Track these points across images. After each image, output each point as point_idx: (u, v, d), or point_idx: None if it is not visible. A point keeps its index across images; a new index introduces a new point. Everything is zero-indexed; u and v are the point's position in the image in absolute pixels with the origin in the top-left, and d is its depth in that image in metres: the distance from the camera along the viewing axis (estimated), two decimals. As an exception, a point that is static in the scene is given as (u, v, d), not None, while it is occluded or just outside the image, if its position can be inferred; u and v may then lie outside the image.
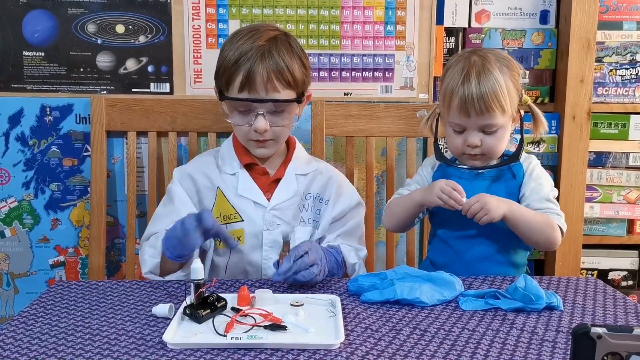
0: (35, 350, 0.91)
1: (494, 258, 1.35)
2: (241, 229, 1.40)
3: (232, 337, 0.93)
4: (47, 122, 1.82)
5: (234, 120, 1.40)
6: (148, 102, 1.78)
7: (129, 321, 1.03)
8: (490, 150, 1.35)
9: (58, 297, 1.15)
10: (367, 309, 1.09)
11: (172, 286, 1.21)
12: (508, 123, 1.35)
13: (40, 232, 1.87)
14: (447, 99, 1.34)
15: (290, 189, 1.44)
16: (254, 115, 1.36)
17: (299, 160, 1.49)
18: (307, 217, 1.45)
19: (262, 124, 1.36)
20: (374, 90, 1.88)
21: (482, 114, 1.30)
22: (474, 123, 1.32)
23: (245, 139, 1.41)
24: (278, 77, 1.34)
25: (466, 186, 1.28)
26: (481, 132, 1.33)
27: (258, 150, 1.42)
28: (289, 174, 1.46)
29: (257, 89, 1.34)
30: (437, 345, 0.94)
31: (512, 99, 1.32)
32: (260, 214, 1.41)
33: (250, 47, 1.34)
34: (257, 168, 1.45)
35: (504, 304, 1.08)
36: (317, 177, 1.49)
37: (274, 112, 1.37)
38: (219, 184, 1.44)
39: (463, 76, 1.31)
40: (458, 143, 1.36)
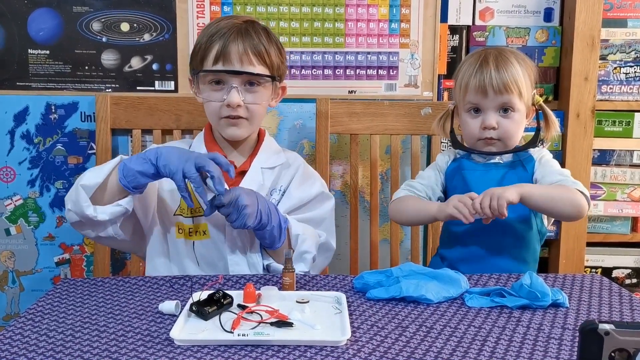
0: (43, 347, 0.92)
1: (506, 254, 1.35)
2: (205, 223, 1.37)
3: (238, 334, 0.93)
4: (52, 120, 1.83)
5: (206, 97, 1.38)
6: (153, 100, 1.79)
7: (136, 318, 1.03)
8: (507, 133, 1.35)
9: (64, 294, 1.15)
10: (372, 306, 1.09)
11: (178, 283, 1.21)
12: (523, 112, 1.36)
13: (46, 229, 1.87)
14: (464, 84, 1.36)
15: (254, 183, 1.39)
16: (227, 90, 1.35)
17: (268, 152, 1.46)
18: None
19: (236, 98, 1.34)
20: (378, 88, 1.88)
21: (501, 93, 1.32)
22: (491, 102, 1.33)
23: (217, 117, 1.38)
24: (254, 51, 1.34)
25: (480, 177, 1.29)
26: (498, 114, 1.34)
27: (229, 130, 1.38)
28: (255, 167, 1.42)
29: (231, 60, 1.33)
30: (443, 342, 0.94)
31: (527, 89, 1.34)
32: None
33: (226, 25, 1.35)
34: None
35: (510, 302, 1.08)
36: (284, 170, 1.46)
37: (248, 89, 1.36)
38: None
39: (481, 61, 1.35)
40: (474, 127, 1.36)
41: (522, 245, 1.37)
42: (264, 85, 1.38)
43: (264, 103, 1.40)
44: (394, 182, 1.81)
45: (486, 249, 1.36)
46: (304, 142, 1.87)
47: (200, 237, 1.38)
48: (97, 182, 1.22)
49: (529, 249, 1.38)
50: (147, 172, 1.21)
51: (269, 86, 1.40)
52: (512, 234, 1.35)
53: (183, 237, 1.39)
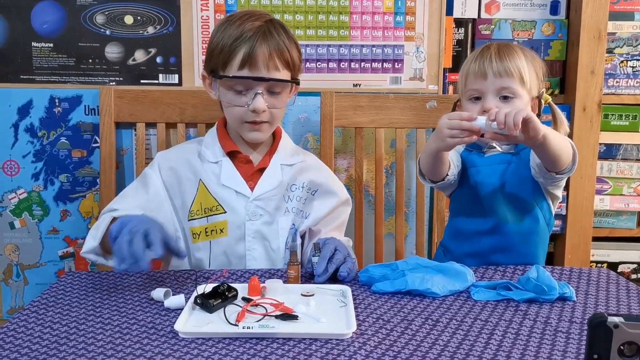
0: (47, 339, 0.91)
1: (513, 250, 1.34)
2: (224, 221, 1.37)
3: (243, 327, 0.92)
4: (56, 113, 1.82)
5: (228, 100, 1.36)
6: (157, 94, 1.78)
7: (140, 311, 1.03)
8: None
9: (69, 287, 1.15)
10: (378, 299, 1.09)
11: (182, 276, 1.21)
12: (526, 100, 1.33)
13: (50, 223, 1.87)
14: (465, 72, 1.35)
15: (275, 179, 1.40)
16: (251, 95, 1.33)
17: (285, 151, 1.46)
18: (291, 207, 1.42)
19: (261, 104, 1.32)
20: (383, 81, 1.87)
21: (500, 76, 1.30)
22: (491, 85, 1.31)
23: (239, 122, 1.37)
24: (279, 56, 1.33)
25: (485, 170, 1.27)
26: (498, 99, 1.32)
27: (251, 134, 1.38)
28: (274, 163, 1.42)
29: (258, 66, 1.31)
30: (449, 335, 0.93)
31: (532, 79, 1.32)
32: (243, 204, 1.37)
33: (250, 27, 1.33)
34: (240, 156, 1.41)
35: (517, 295, 1.08)
36: (304, 168, 1.46)
37: (271, 93, 1.35)
38: (201, 175, 1.40)
39: (483, 49, 1.34)
40: (474, 112, 1.31)
41: (529, 240, 1.35)
42: (285, 88, 1.38)
43: (284, 105, 1.41)
44: (398, 175, 1.80)
45: (493, 245, 1.34)
46: (308, 135, 1.86)
47: (217, 235, 1.38)
48: (94, 245, 1.22)
49: (537, 243, 1.37)
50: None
51: (289, 87, 1.40)
52: (520, 230, 1.34)
53: (200, 241, 1.38)
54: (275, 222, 1.39)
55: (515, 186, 1.32)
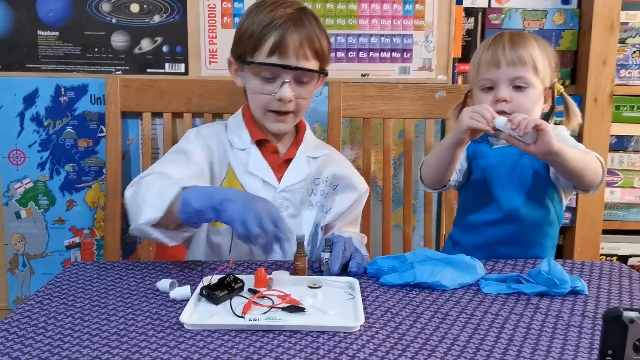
0: (51, 330, 0.90)
1: (523, 243, 1.32)
2: None
3: (250, 319, 0.91)
4: (62, 102, 1.81)
5: (254, 88, 1.33)
6: (163, 83, 1.76)
7: (145, 302, 1.01)
8: (519, 108, 1.28)
9: (74, 277, 1.14)
10: (386, 292, 1.07)
11: (189, 267, 1.19)
12: (540, 90, 1.30)
13: (56, 213, 1.86)
14: (477, 61, 1.33)
15: (302, 172, 1.39)
16: (279, 83, 1.30)
17: (309, 143, 1.45)
18: (315, 201, 1.41)
19: (288, 93, 1.30)
20: (391, 71, 1.84)
21: (513, 65, 1.28)
22: (504, 74, 1.29)
23: (264, 110, 1.34)
24: (309, 45, 1.30)
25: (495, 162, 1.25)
26: (511, 88, 1.29)
27: (275, 125, 1.35)
28: (300, 155, 1.41)
29: (288, 54, 1.28)
30: (459, 329, 0.92)
31: (545, 69, 1.30)
32: (270, 195, 1.34)
33: (282, 14, 1.29)
34: (269, 145, 1.39)
35: (527, 288, 1.06)
36: (328, 162, 1.45)
37: (299, 82, 1.33)
38: (230, 160, 1.37)
39: (495, 37, 1.31)
40: (486, 101, 1.30)
41: (539, 233, 1.33)
42: (313, 78, 1.35)
43: (311, 96, 1.38)
44: (407, 167, 1.78)
45: (502, 237, 1.32)
46: (316, 126, 1.84)
47: None
48: (157, 217, 1.10)
49: (547, 236, 1.34)
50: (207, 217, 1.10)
51: (316, 77, 1.37)
52: (530, 223, 1.31)
53: (221, 225, 1.34)
54: (299, 216, 1.38)
55: (526, 177, 1.30)
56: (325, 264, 1.16)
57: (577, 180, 1.22)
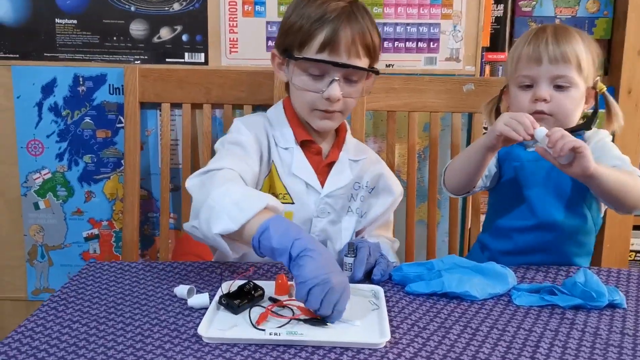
0: (66, 341, 0.87)
1: (557, 251, 1.26)
2: (290, 212, 1.27)
3: (270, 333, 0.87)
4: (81, 92, 1.77)
5: (301, 84, 1.25)
6: (182, 73, 1.72)
7: (163, 309, 0.98)
8: (560, 108, 1.22)
9: (90, 279, 1.10)
10: (412, 302, 1.03)
11: (207, 270, 1.16)
12: (582, 90, 1.23)
13: (74, 204, 1.84)
14: (517, 55, 1.25)
15: (346, 176, 1.32)
16: (327, 81, 1.22)
17: (351, 145, 1.38)
18: (355, 208, 1.36)
19: (337, 92, 1.21)
20: (417, 61, 1.78)
21: (556, 61, 1.20)
22: (545, 72, 1.21)
23: (309, 108, 1.26)
24: (361, 41, 1.22)
25: (530, 166, 1.18)
26: (552, 87, 1.22)
27: (321, 122, 1.27)
28: (343, 159, 1.33)
29: (339, 51, 1.20)
30: (491, 346, 0.87)
31: (589, 67, 1.22)
32: (313, 199, 1.28)
33: (334, 7, 1.21)
34: (313, 146, 1.31)
35: (562, 301, 1.00)
36: (368, 166, 1.38)
37: (348, 81, 1.25)
38: (274, 157, 1.29)
39: (537, 30, 1.23)
40: (524, 100, 1.23)
41: (574, 241, 1.27)
42: (362, 77, 1.27)
43: (358, 98, 1.30)
44: (432, 161, 1.72)
45: (535, 244, 1.26)
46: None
47: None
48: (233, 230, 0.98)
49: (583, 245, 1.28)
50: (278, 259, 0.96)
51: (364, 79, 1.29)
52: (565, 231, 1.25)
53: None
54: (339, 222, 1.33)
55: (563, 183, 1.23)
56: (349, 269, 1.12)
57: (616, 204, 1.16)
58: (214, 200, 1.01)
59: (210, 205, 1.01)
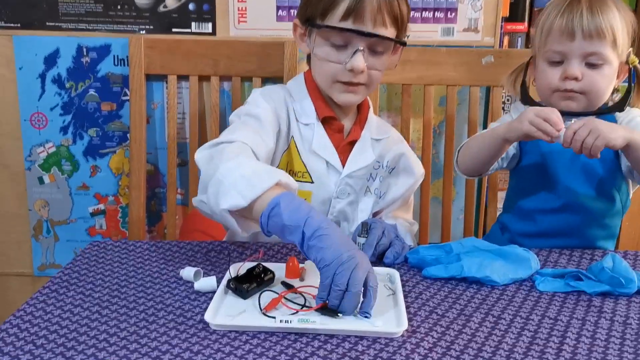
0: (66, 327, 0.83)
1: (581, 234, 1.20)
2: (309, 192, 1.21)
3: (281, 320, 0.83)
4: (84, 63, 1.72)
5: (323, 55, 1.18)
6: (189, 44, 1.66)
7: (169, 293, 0.94)
8: (592, 87, 1.14)
9: (93, 259, 1.06)
10: (429, 287, 0.98)
11: (215, 250, 1.11)
12: (616, 67, 1.15)
13: (80, 179, 1.80)
14: (547, 27, 1.16)
15: (368, 156, 1.25)
16: (351, 51, 1.15)
17: (373, 122, 1.31)
18: (374, 188, 1.29)
19: (361, 63, 1.14)
20: (434, 32, 1.70)
21: (591, 37, 1.11)
22: (577, 48, 1.13)
23: (331, 80, 1.19)
24: (388, 9, 1.14)
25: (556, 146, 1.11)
26: (583, 64, 1.14)
27: (343, 96, 1.20)
28: (365, 137, 1.27)
29: (364, 19, 1.12)
30: (515, 336, 0.82)
31: (624, 41, 1.14)
32: (333, 179, 1.23)
33: None
34: (335, 123, 1.24)
35: (588, 287, 0.95)
36: (390, 146, 1.31)
37: (373, 52, 1.17)
38: (294, 133, 1.23)
39: (571, 0, 1.14)
40: (553, 77, 1.16)
41: (600, 225, 1.21)
42: (388, 48, 1.20)
43: (383, 71, 1.23)
44: (448, 136, 1.66)
45: (559, 228, 1.20)
46: (355, 93, 1.72)
47: None
48: (242, 206, 0.92)
49: (609, 227, 1.22)
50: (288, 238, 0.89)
51: (390, 49, 1.21)
52: (592, 213, 1.19)
53: None
54: (356, 203, 1.27)
55: (592, 164, 1.16)
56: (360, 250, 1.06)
57: None
58: (223, 175, 0.94)
59: (218, 179, 0.94)
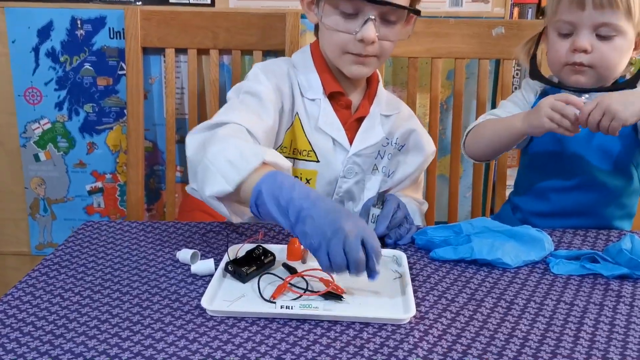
0: (56, 313, 0.79)
1: (596, 212, 1.15)
2: (314, 171, 1.17)
3: (282, 306, 0.78)
4: (79, 36, 1.66)
5: (332, 25, 1.11)
6: (187, 15, 1.59)
7: (164, 276, 0.89)
8: (602, 60, 1.08)
9: (86, 241, 1.02)
10: (438, 269, 0.93)
11: (213, 231, 1.07)
12: (631, 38, 1.08)
13: (76, 156, 1.75)
14: None
15: (377, 134, 1.20)
16: (361, 21, 1.08)
17: (382, 98, 1.25)
18: (381, 166, 1.24)
19: (372, 32, 1.07)
20: (442, 3, 1.64)
21: (602, 7, 1.05)
22: (587, 19, 1.07)
23: (341, 51, 1.12)
24: None
25: None
26: (594, 36, 1.08)
27: (353, 68, 1.13)
28: (374, 113, 1.21)
29: None
30: (529, 322, 0.78)
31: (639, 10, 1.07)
32: (340, 158, 1.18)
33: None
34: (342, 99, 1.19)
35: (605, 269, 0.90)
36: (400, 122, 1.26)
37: (385, 21, 1.10)
38: (298, 108, 1.17)
39: None
40: (562, 49, 1.10)
41: (617, 203, 1.15)
42: (401, 17, 1.13)
43: (397, 39, 1.15)
44: (455, 111, 1.60)
45: (574, 207, 1.15)
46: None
47: None
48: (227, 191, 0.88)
49: (626, 206, 1.17)
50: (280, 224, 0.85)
51: (402, 19, 1.15)
52: (608, 191, 1.14)
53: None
54: (363, 181, 1.22)
55: (609, 140, 1.10)
56: (373, 222, 1.01)
57: None
58: (209, 160, 0.91)
59: (205, 165, 0.91)
